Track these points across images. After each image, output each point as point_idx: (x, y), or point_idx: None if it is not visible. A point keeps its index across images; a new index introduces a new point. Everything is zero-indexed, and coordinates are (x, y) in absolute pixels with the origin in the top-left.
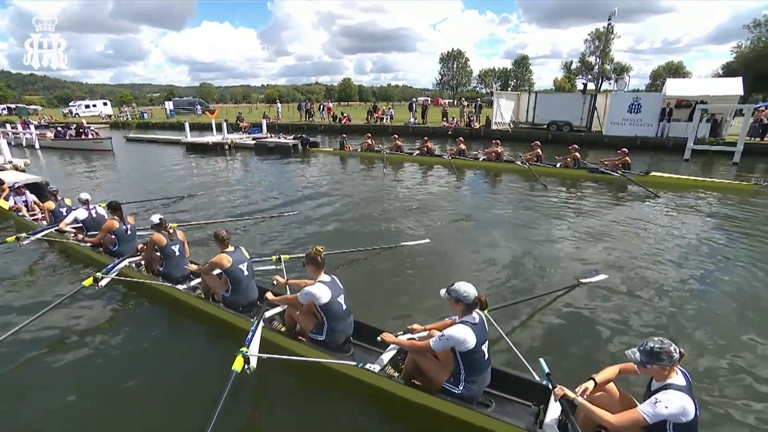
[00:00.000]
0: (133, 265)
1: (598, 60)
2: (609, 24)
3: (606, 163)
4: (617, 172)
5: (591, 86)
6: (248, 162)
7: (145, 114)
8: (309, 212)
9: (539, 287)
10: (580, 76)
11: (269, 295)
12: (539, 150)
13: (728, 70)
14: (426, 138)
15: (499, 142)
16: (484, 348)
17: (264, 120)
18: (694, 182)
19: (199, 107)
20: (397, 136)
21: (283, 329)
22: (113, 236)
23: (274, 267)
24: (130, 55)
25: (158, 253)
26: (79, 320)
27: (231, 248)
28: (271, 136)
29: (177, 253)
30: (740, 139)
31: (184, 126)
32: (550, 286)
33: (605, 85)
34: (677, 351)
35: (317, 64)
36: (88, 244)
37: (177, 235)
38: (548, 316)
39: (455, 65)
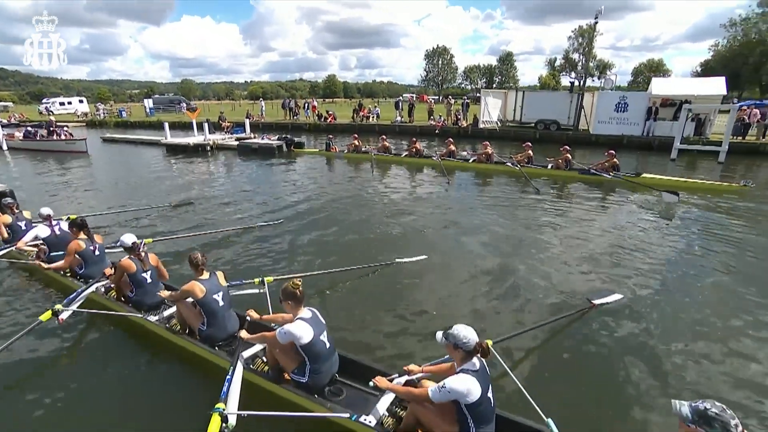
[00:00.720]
0: (103, 289)
1: (581, 57)
2: (596, 22)
3: (596, 165)
4: (609, 174)
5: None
6: (231, 164)
7: (123, 112)
8: (295, 222)
9: (546, 310)
10: (564, 73)
11: (244, 334)
12: (530, 151)
13: (706, 68)
14: (414, 139)
15: (488, 143)
16: (490, 395)
17: (247, 119)
18: (686, 184)
19: (184, 106)
20: (384, 137)
21: (266, 368)
22: (79, 258)
23: (257, 290)
24: (107, 50)
25: (128, 280)
26: (36, 357)
27: (205, 275)
28: (254, 137)
29: (149, 280)
30: (725, 139)
31: (164, 126)
32: (558, 309)
33: (589, 82)
34: (735, 423)
35: (301, 60)
36: (55, 269)
37: (149, 259)
38: (560, 348)
39: (440, 62)
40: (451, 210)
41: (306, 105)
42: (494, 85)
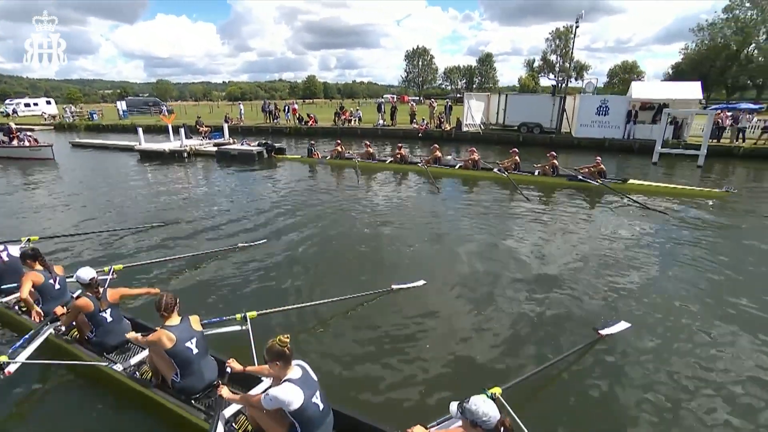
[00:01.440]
0: (63, 327)
1: (559, 59)
2: (576, 26)
3: (582, 170)
4: (596, 181)
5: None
6: (210, 172)
7: (95, 115)
8: (279, 241)
9: (552, 345)
10: (543, 74)
11: (224, 392)
12: (517, 157)
13: (678, 71)
14: (400, 145)
15: (474, 150)
16: None
17: (225, 123)
18: (671, 190)
19: (165, 109)
20: (368, 143)
21: (249, 428)
22: (36, 293)
23: (238, 328)
24: (77, 48)
25: (86, 319)
26: None
27: (175, 320)
28: (233, 141)
29: (109, 319)
30: (703, 143)
31: (138, 131)
32: (565, 343)
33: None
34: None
35: (280, 60)
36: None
37: (107, 296)
38: (571, 388)
39: (421, 62)
40: (443, 222)
41: (286, 108)
42: (474, 86)
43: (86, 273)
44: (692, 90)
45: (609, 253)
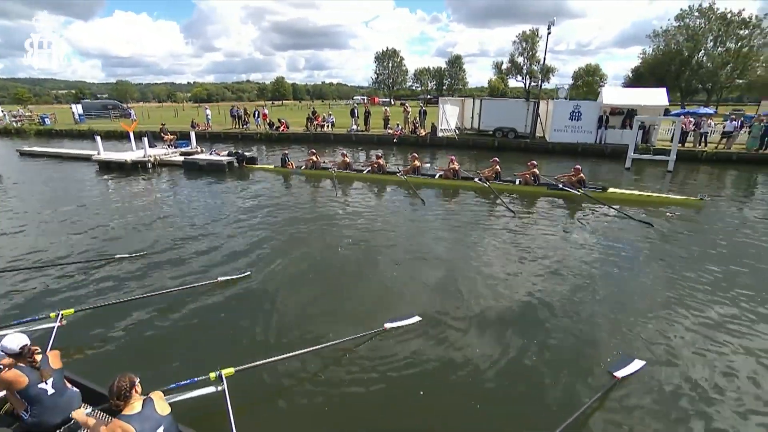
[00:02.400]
0: None
1: (526, 61)
2: (548, 33)
3: (563, 179)
4: (577, 190)
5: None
6: (177, 186)
7: (47, 119)
8: (259, 273)
9: (569, 393)
10: (510, 76)
11: None
12: (498, 167)
13: (637, 74)
14: (378, 155)
15: (454, 158)
16: None
17: (193, 130)
18: (649, 198)
19: (131, 112)
20: (345, 153)
21: None
22: None
23: (213, 389)
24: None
25: (19, 397)
26: None
27: (136, 406)
28: (201, 150)
29: (50, 391)
30: (672, 149)
31: (96, 139)
32: (583, 390)
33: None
34: None
35: (248, 61)
36: None
37: (49, 362)
38: None
39: (391, 64)
40: (430, 240)
41: (256, 113)
42: (444, 88)
43: (15, 341)
44: (659, 96)
45: (603, 274)
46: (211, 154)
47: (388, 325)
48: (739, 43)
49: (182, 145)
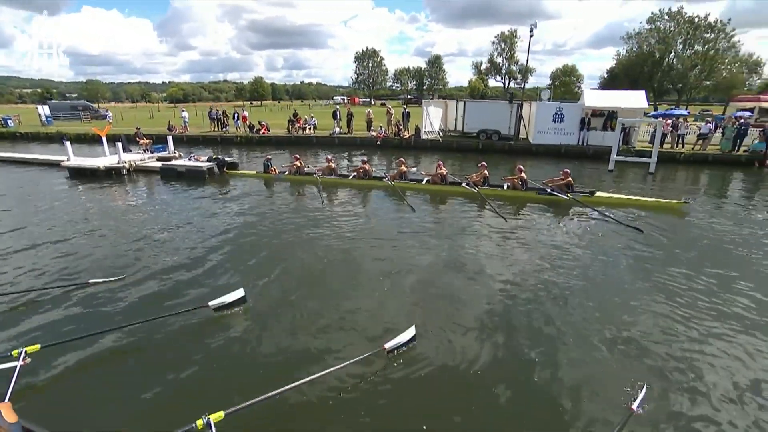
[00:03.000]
0: None
1: (505, 62)
2: (531, 35)
3: (551, 183)
4: (566, 195)
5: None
6: (154, 194)
7: (9, 121)
8: (248, 292)
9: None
10: (490, 76)
11: None
12: (486, 171)
13: (612, 75)
14: (363, 159)
15: (441, 163)
16: None
17: (170, 133)
18: (635, 202)
19: (108, 114)
20: (329, 158)
21: None
22: None
23: None
24: None
25: None
26: None
27: None
28: (179, 155)
29: None
30: (654, 151)
31: (65, 145)
32: (595, 424)
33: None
34: None
35: (225, 60)
36: None
37: (2, 415)
38: None
39: (371, 64)
40: (421, 249)
41: (236, 115)
42: (424, 87)
43: None
44: (638, 99)
45: (598, 285)
46: (190, 159)
47: (387, 346)
48: (706, 46)
49: (159, 149)
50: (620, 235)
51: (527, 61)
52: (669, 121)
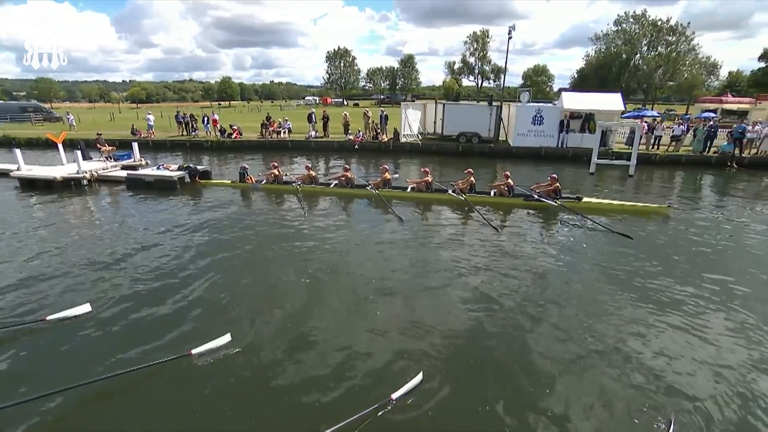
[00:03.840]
0: None
1: (478, 61)
2: (509, 38)
3: (538, 189)
4: (554, 201)
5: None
6: (120, 208)
7: None
8: (234, 333)
9: None
10: (463, 75)
11: None
12: (472, 178)
13: (581, 75)
14: (346, 167)
15: (428, 170)
16: None
17: (134, 138)
18: (621, 207)
19: (70, 117)
20: (309, 166)
21: None
22: None
23: None
24: None
25: None
26: None
27: None
28: (146, 163)
29: None
30: (633, 154)
31: (14, 152)
32: None
33: (486, 84)
34: None
35: (190, 58)
36: None
37: None
38: None
39: (342, 64)
40: (414, 265)
41: (206, 118)
42: (397, 87)
43: None
44: (615, 101)
45: (596, 294)
46: (158, 168)
47: (395, 396)
48: (669, 48)
49: (123, 157)
50: (610, 243)
51: (506, 62)
52: (645, 123)
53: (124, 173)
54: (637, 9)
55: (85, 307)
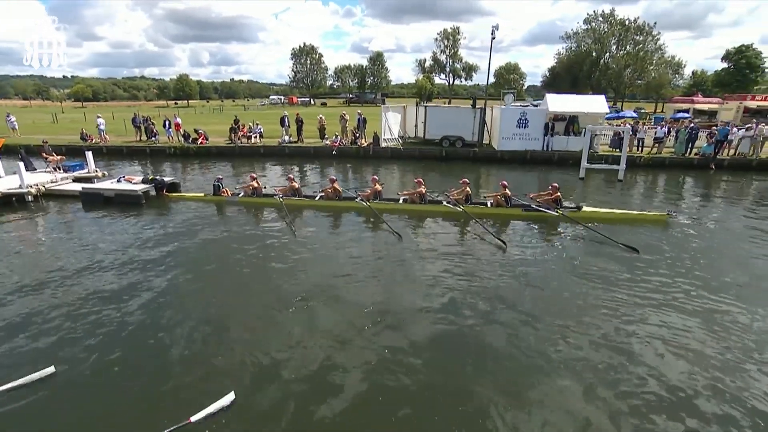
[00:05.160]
0: None
1: (449, 59)
2: (493, 38)
3: (538, 198)
4: (555, 210)
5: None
6: (74, 228)
7: None
8: (241, 393)
9: None
10: (435, 74)
11: None
12: (468, 188)
13: (553, 73)
14: (333, 179)
15: (422, 181)
16: None
17: (84, 144)
18: (622, 216)
19: (11, 119)
20: (292, 177)
21: None
22: None
23: None
24: None
25: None
26: None
27: None
28: (102, 174)
29: None
30: (622, 158)
31: None
32: None
33: (458, 82)
34: None
35: (140, 53)
36: None
37: None
38: None
39: (309, 61)
40: (428, 294)
41: (167, 122)
42: (367, 86)
43: None
44: (599, 103)
45: (615, 316)
46: (119, 180)
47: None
48: (636, 48)
49: (75, 167)
50: (617, 256)
51: (489, 61)
52: (629, 125)
53: (77, 187)
54: (604, 8)
55: (48, 370)
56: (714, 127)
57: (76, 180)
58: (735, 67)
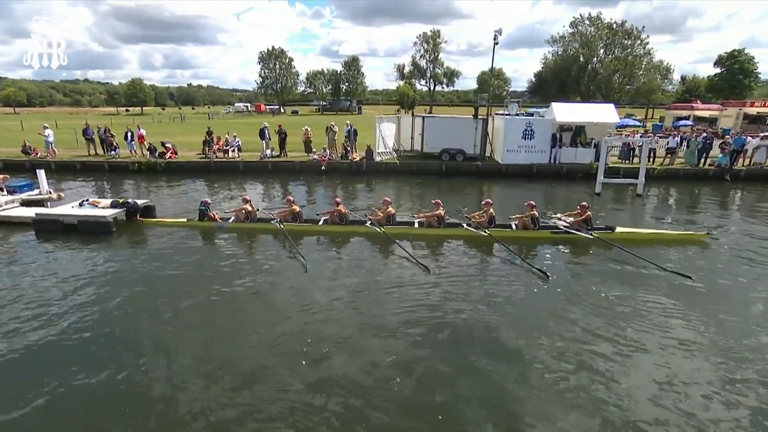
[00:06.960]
0: None
1: (429, 64)
2: (495, 43)
3: (568, 219)
4: (588, 233)
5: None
6: (26, 263)
7: None
8: None
9: None
10: (415, 79)
11: None
12: (491, 210)
13: (540, 78)
14: (337, 201)
15: (440, 202)
16: None
17: (27, 158)
18: (658, 236)
19: None
20: (291, 199)
21: None
22: None
23: None
24: None
25: None
26: None
27: None
28: (58, 196)
29: None
30: (641, 171)
31: None
32: None
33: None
34: None
35: (83, 54)
36: None
37: None
38: None
39: (278, 66)
40: (469, 334)
41: (129, 134)
42: (342, 93)
43: None
44: (609, 113)
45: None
46: (82, 204)
47: None
48: (625, 52)
49: (22, 189)
50: (673, 284)
51: (492, 65)
52: (638, 136)
53: (29, 212)
54: (590, 11)
55: None
56: (727, 137)
57: (25, 203)
58: (728, 72)
